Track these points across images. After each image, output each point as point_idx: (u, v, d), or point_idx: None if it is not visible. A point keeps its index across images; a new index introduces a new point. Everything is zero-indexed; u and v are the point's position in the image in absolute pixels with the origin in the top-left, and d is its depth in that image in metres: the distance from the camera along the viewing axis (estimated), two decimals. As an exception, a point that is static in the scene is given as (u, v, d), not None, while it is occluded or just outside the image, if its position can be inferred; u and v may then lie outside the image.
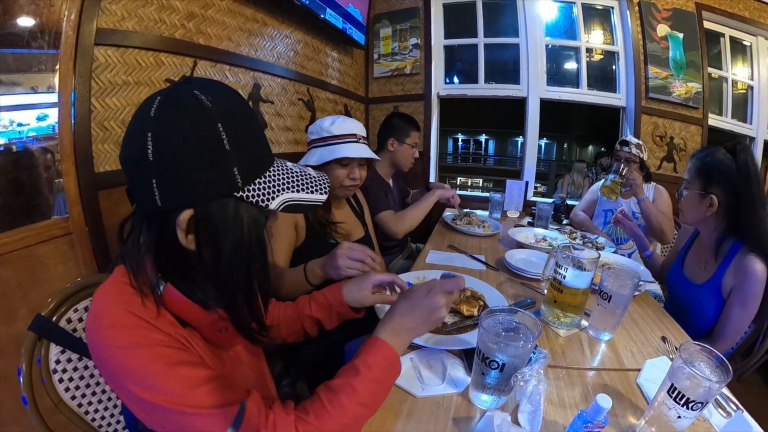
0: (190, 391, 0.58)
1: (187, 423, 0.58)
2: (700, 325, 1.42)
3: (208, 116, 0.56)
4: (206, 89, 0.58)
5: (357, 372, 0.70)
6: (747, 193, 1.29)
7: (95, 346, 0.59)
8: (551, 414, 0.81)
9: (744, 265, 1.27)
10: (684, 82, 3.35)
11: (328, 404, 0.66)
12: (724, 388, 0.79)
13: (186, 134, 0.56)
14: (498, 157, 21.41)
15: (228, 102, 0.61)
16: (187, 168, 0.56)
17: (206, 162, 0.57)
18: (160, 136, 0.55)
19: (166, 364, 0.58)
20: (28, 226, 1.29)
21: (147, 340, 0.59)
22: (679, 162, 3.46)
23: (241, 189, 0.59)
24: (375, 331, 0.80)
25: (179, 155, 0.56)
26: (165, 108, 0.56)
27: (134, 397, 0.58)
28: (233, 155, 0.58)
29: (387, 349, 0.75)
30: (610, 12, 3.48)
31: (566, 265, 1.12)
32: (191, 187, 0.57)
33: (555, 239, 2.06)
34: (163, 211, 0.58)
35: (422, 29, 3.65)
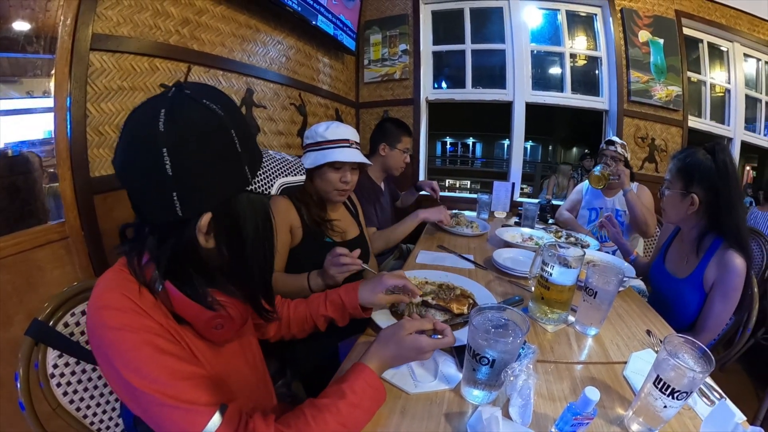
0: (173, 381, 0.58)
1: (165, 413, 0.57)
2: (683, 319, 1.43)
3: (224, 124, 0.59)
4: (212, 98, 0.60)
5: (343, 395, 0.70)
6: (726, 192, 1.31)
7: (90, 325, 0.61)
8: (541, 407, 0.82)
9: (725, 260, 1.30)
10: (664, 86, 3.40)
11: (312, 420, 0.65)
12: (708, 377, 0.80)
13: (208, 145, 0.58)
14: (485, 160, 21.47)
15: (232, 108, 0.63)
16: (210, 176, 0.59)
17: (227, 167, 0.60)
18: (179, 150, 0.56)
19: (153, 351, 0.59)
20: (24, 230, 1.27)
21: (138, 325, 0.60)
22: (660, 162, 3.50)
23: (250, 183, 0.64)
24: (364, 357, 0.81)
25: (202, 166, 0.58)
26: (177, 121, 0.56)
27: (120, 378, 0.58)
28: (244, 154, 0.62)
29: (373, 379, 0.76)
30: (594, 19, 3.53)
31: (552, 263, 1.12)
32: (213, 192, 0.60)
33: (541, 238, 2.07)
34: (181, 219, 0.59)
35: (411, 35, 3.66)
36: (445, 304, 1.16)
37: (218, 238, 0.63)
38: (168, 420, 0.58)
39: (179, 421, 0.57)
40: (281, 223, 1.43)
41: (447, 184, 15.72)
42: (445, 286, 1.31)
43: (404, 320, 0.86)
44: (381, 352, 0.82)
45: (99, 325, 0.59)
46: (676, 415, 0.76)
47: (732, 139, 3.73)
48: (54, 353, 0.86)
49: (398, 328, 0.84)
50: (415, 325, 0.85)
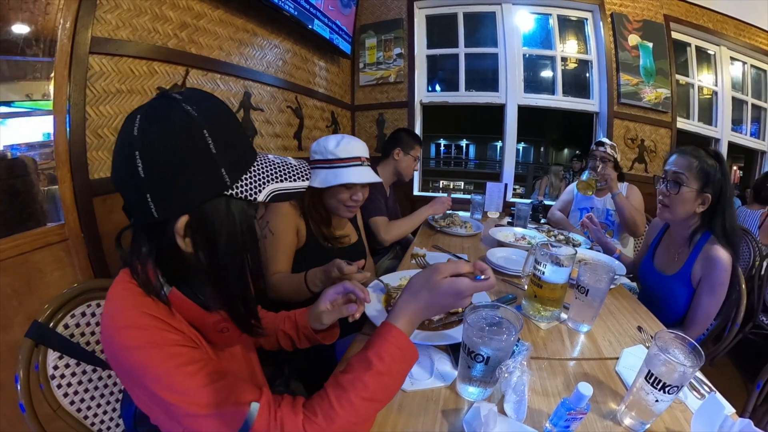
0: (202, 390, 0.57)
1: (200, 423, 0.57)
2: (672, 314, 1.44)
3: (195, 124, 0.57)
4: (192, 101, 0.59)
5: (369, 365, 0.66)
6: (727, 193, 1.35)
7: (112, 347, 0.59)
8: (535, 403, 0.82)
9: (711, 255, 1.31)
10: (654, 88, 3.42)
11: (337, 403, 0.62)
12: (698, 371, 0.81)
13: (174, 145, 0.56)
14: (478, 161, 21.50)
15: (210, 107, 0.61)
16: (179, 177, 0.57)
17: (197, 168, 0.57)
18: (148, 152, 0.56)
19: (180, 363, 0.58)
20: (24, 233, 1.26)
21: (161, 340, 0.59)
22: (650, 163, 3.53)
23: (230, 187, 0.60)
24: (390, 316, 0.74)
25: (170, 167, 0.56)
26: (148, 124, 0.56)
27: (151, 395, 0.57)
28: (220, 157, 0.58)
29: (402, 339, 0.70)
30: (584, 23, 3.55)
31: (545, 262, 1.13)
32: (185, 194, 0.57)
33: (534, 237, 2.08)
34: (160, 221, 0.58)
35: (406, 39, 3.67)
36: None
37: (195, 243, 0.61)
38: (204, 428, 0.57)
39: (217, 426, 0.57)
40: (288, 224, 1.42)
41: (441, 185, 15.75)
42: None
43: (437, 264, 0.76)
44: (411, 305, 0.74)
45: (122, 347, 0.58)
46: (667, 409, 0.77)
47: (719, 140, 3.76)
48: (54, 355, 0.85)
49: (432, 273, 0.75)
50: (451, 268, 0.75)
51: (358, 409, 0.63)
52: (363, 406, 0.64)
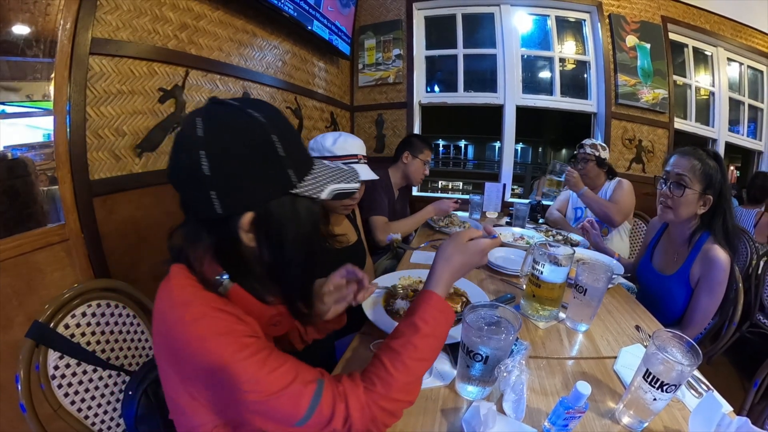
0: (272, 375, 0.60)
1: (271, 406, 0.60)
2: (670, 314, 1.44)
3: (264, 129, 0.61)
4: (256, 107, 0.63)
5: (417, 329, 0.72)
6: (727, 193, 1.35)
7: (176, 343, 0.61)
8: (534, 402, 0.82)
9: (709, 256, 1.31)
10: (651, 89, 3.42)
11: (391, 367, 0.68)
12: (695, 370, 0.81)
13: (244, 147, 0.60)
14: (477, 162, 21.50)
15: (276, 116, 0.66)
16: (247, 177, 0.61)
17: (266, 168, 0.62)
18: (216, 152, 0.59)
19: (251, 354, 0.60)
20: (24, 233, 1.26)
21: (233, 331, 0.61)
22: (647, 163, 3.53)
23: (295, 186, 0.64)
24: (429, 284, 0.81)
25: (239, 166, 0.60)
26: (216, 126, 0.60)
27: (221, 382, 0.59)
28: (287, 160, 0.63)
29: (442, 303, 0.77)
30: (582, 24, 3.55)
31: (543, 262, 1.13)
32: (252, 192, 0.61)
33: (532, 237, 2.08)
34: (223, 217, 0.62)
35: (405, 40, 3.66)
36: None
37: (259, 238, 0.64)
38: (276, 407, 0.60)
39: (287, 406, 0.60)
40: None
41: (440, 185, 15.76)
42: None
43: (457, 232, 0.87)
44: (446, 270, 0.82)
45: (195, 338, 0.59)
46: (665, 408, 0.77)
47: (716, 140, 3.77)
48: (55, 355, 0.86)
49: (457, 239, 0.85)
50: (467, 234, 0.87)
51: (410, 369, 0.69)
52: (415, 366, 0.70)
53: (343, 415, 0.62)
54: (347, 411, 0.63)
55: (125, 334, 1.06)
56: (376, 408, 0.65)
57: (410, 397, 0.71)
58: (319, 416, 0.61)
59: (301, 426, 0.60)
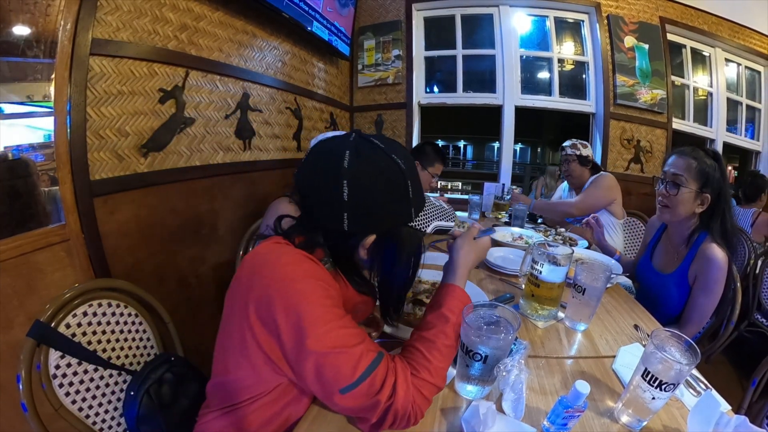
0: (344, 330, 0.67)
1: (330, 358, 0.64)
2: (669, 313, 1.45)
3: (403, 175, 0.74)
4: (397, 152, 0.75)
5: (447, 320, 0.79)
6: (726, 194, 1.36)
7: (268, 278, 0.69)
8: (533, 401, 0.82)
9: (707, 254, 1.31)
10: (649, 90, 3.43)
11: (429, 354, 0.75)
12: (694, 369, 0.81)
13: (384, 186, 0.73)
14: (476, 162, 21.45)
15: (412, 164, 0.78)
16: (381, 208, 0.73)
17: (398, 205, 0.75)
18: (358, 183, 0.70)
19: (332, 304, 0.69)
20: (25, 233, 1.26)
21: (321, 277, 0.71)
22: (646, 163, 3.54)
23: (412, 220, 0.78)
24: (451, 278, 0.89)
25: (376, 200, 0.73)
26: (363, 165, 0.71)
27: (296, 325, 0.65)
28: (413, 200, 0.76)
29: (463, 294, 0.85)
30: (581, 25, 3.56)
31: (542, 261, 1.13)
32: (381, 220, 0.75)
33: (531, 237, 2.08)
34: (347, 232, 0.74)
35: (404, 41, 3.67)
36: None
37: (373, 255, 0.79)
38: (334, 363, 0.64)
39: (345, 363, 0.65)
40: None
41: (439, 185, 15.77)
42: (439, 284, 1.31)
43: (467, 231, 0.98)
44: (464, 265, 0.91)
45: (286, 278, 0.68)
46: (664, 406, 0.77)
47: (715, 140, 3.77)
48: (56, 354, 0.85)
49: (469, 236, 0.96)
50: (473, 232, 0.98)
51: (444, 356, 0.76)
52: (447, 353, 0.78)
53: (390, 390, 0.66)
54: (394, 387, 0.67)
55: (126, 333, 1.06)
56: (416, 392, 0.70)
57: (443, 383, 0.77)
58: (371, 384, 0.65)
59: (348, 392, 0.64)
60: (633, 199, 3.32)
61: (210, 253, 2.00)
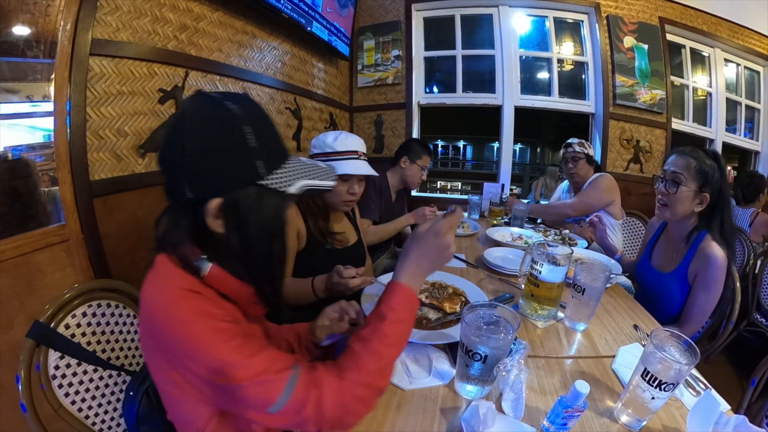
0: (248, 360, 0.62)
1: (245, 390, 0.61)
2: (668, 312, 1.45)
3: (238, 121, 0.64)
4: (234, 100, 0.66)
5: (383, 317, 0.73)
6: (726, 193, 1.36)
7: (158, 323, 0.63)
8: (533, 401, 0.82)
9: (706, 253, 1.31)
10: (649, 90, 3.43)
11: (363, 352, 0.70)
12: (693, 369, 0.81)
13: (216, 136, 0.64)
14: (475, 162, 21.45)
15: (253, 109, 0.69)
16: (216, 164, 0.63)
17: (234, 158, 0.64)
18: (192, 140, 0.63)
19: (226, 338, 0.62)
20: (25, 233, 1.26)
21: (208, 314, 0.64)
22: (645, 163, 3.54)
23: (263, 178, 0.66)
24: (393, 277, 0.81)
25: (210, 154, 0.63)
26: (194, 117, 0.64)
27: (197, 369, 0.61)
28: (257, 151, 0.65)
29: (406, 290, 0.78)
30: (580, 25, 3.56)
31: (542, 261, 1.13)
32: (220, 179, 0.64)
33: (530, 237, 2.08)
34: (194, 201, 0.65)
35: (404, 41, 3.67)
36: (437, 303, 1.16)
37: (227, 225, 0.66)
38: (251, 394, 0.61)
39: (261, 391, 0.61)
40: (289, 229, 1.44)
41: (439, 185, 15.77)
42: (438, 284, 1.31)
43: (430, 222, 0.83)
44: (406, 261, 0.81)
45: (172, 321, 0.62)
46: (663, 406, 0.77)
47: (714, 140, 3.77)
48: (55, 355, 0.85)
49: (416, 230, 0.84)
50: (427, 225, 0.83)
51: (381, 355, 0.71)
52: (386, 352, 0.72)
53: (316, 402, 0.63)
54: (320, 397, 0.64)
55: (126, 334, 1.06)
56: (349, 395, 0.66)
57: (382, 382, 0.72)
58: (293, 402, 0.62)
59: (275, 412, 0.62)
60: (632, 199, 3.32)
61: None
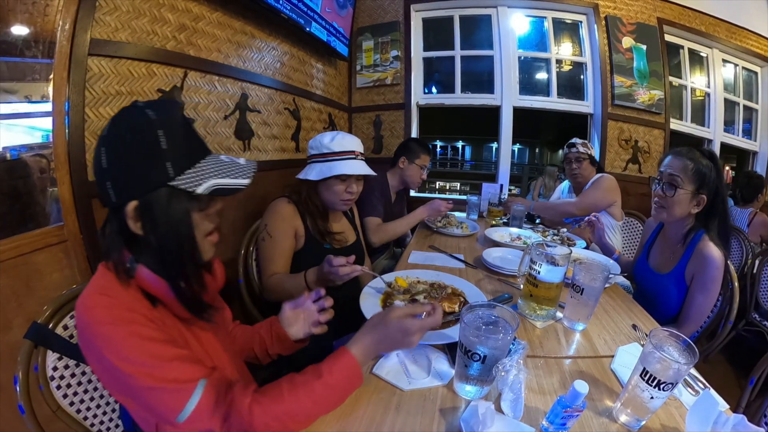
0: (158, 363, 0.64)
1: (153, 395, 0.64)
2: (667, 312, 1.45)
3: (152, 126, 0.67)
4: (152, 105, 0.69)
5: (320, 375, 0.74)
6: (723, 194, 1.36)
7: (80, 324, 0.67)
8: (532, 401, 0.82)
9: (703, 253, 1.32)
10: (647, 90, 3.44)
11: (287, 393, 0.71)
12: (692, 368, 0.81)
13: (129, 142, 0.66)
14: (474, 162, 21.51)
15: (170, 113, 0.71)
16: (129, 167, 0.67)
17: (146, 161, 0.67)
18: (111, 147, 0.67)
19: (140, 340, 0.65)
20: (23, 234, 1.25)
21: (124, 318, 0.66)
22: (643, 163, 3.54)
23: (172, 179, 0.68)
24: (348, 343, 0.82)
25: (124, 159, 0.67)
26: (114, 125, 0.68)
27: (110, 367, 0.64)
28: (167, 153, 0.67)
29: (352, 362, 0.78)
30: (579, 26, 3.56)
31: (540, 262, 1.13)
32: (134, 182, 0.67)
33: (529, 237, 2.09)
34: (118, 205, 0.68)
35: (402, 42, 3.67)
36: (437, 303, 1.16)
37: (143, 226, 0.69)
38: (157, 400, 0.64)
39: (167, 399, 0.64)
40: (286, 228, 1.45)
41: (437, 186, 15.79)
42: (437, 285, 1.31)
43: (393, 308, 0.87)
44: (366, 337, 0.83)
45: (90, 323, 0.65)
46: (662, 406, 0.77)
47: (712, 141, 3.78)
48: (53, 356, 0.85)
49: (390, 312, 0.85)
50: (405, 311, 0.85)
51: (301, 404, 0.71)
52: (306, 405, 0.72)
53: (221, 419, 0.66)
54: (227, 416, 0.66)
55: (124, 334, 1.05)
56: (258, 421, 0.67)
57: (292, 426, 0.72)
58: (198, 414, 0.65)
59: (181, 422, 0.64)
60: (631, 200, 3.32)
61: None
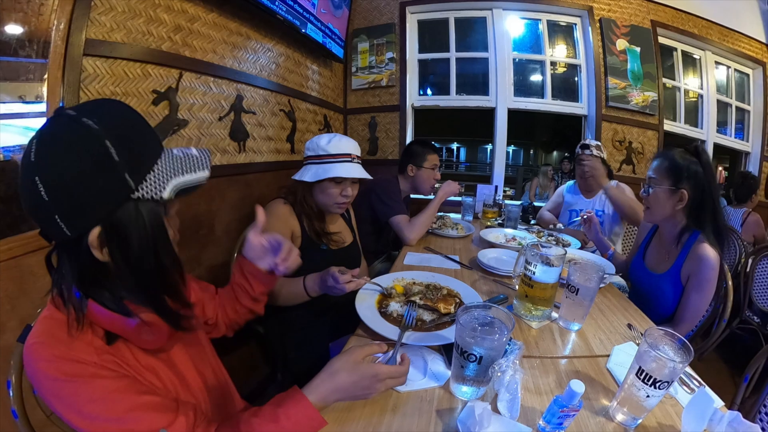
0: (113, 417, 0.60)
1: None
2: (662, 312, 1.46)
3: (98, 137, 0.57)
4: (91, 113, 0.59)
5: (276, 419, 0.69)
6: (710, 189, 1.36)
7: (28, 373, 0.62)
8: (528, 401, 0.82)
9: (699, 254, 1.32)
10: (641, 92, 3.46)
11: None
12: (687, 367, 0.82)
13: (73, 163, 0.56)
14: (469, 164, 21.61)
15: (113, 113, 0.62)
16: (83, 193, 0.57)
17: (99, 179, 0.57)
18: (48, 175, 0.55)
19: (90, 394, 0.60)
20: (16, 236, 1.24)
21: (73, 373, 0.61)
22: (637, 164, 3.56)
23: (134, 190, 0.60)
24: (306, 387, 0.76)
25: (72, 185, 0.56)
26: (44, 147, 0.57)
27: (64, 418, 0.60)
28: (122, 164, 0.58)
29: (309, 409, 0.72)
30: (573, 28, 3.58)
31: (535, 262, 1.13)
32: (93, 207, 0.58)
33: (524, 238, 2.09)
34: (74, 238, 0.59)
35: (398, 44, 3.67)
36: (432, 304, 1.16)
37: (111, 251, 0.61)
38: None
39: None
40: (282, 228, 1.44)
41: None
42: (432, 286, 1.31)
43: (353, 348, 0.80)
44: (329, 383, 0.76)
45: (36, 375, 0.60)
46: (658, 404, 0.77)
47: (705, 142, 3.81)
48: (47, 358, 0.84)
49: (352, 354, 0.79)
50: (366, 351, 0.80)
51: None
52: None
53: None
54: None
55: (119, 337, 1.04)
56: None
57: None
58: None
59: None
60: (625, 200, 3.34)
61: (206, 255, 1.98)
